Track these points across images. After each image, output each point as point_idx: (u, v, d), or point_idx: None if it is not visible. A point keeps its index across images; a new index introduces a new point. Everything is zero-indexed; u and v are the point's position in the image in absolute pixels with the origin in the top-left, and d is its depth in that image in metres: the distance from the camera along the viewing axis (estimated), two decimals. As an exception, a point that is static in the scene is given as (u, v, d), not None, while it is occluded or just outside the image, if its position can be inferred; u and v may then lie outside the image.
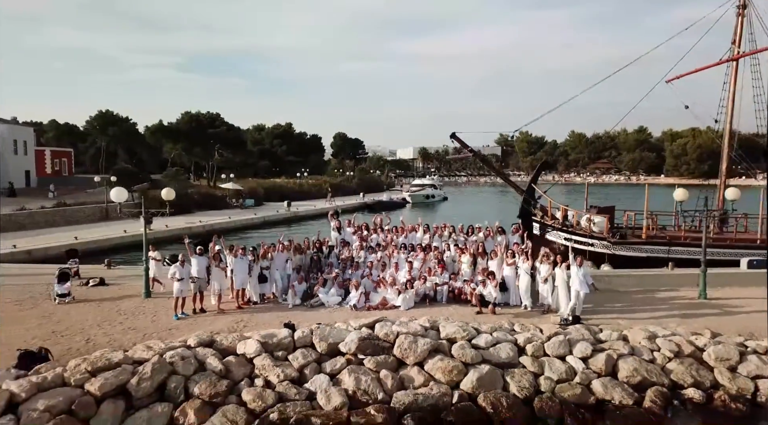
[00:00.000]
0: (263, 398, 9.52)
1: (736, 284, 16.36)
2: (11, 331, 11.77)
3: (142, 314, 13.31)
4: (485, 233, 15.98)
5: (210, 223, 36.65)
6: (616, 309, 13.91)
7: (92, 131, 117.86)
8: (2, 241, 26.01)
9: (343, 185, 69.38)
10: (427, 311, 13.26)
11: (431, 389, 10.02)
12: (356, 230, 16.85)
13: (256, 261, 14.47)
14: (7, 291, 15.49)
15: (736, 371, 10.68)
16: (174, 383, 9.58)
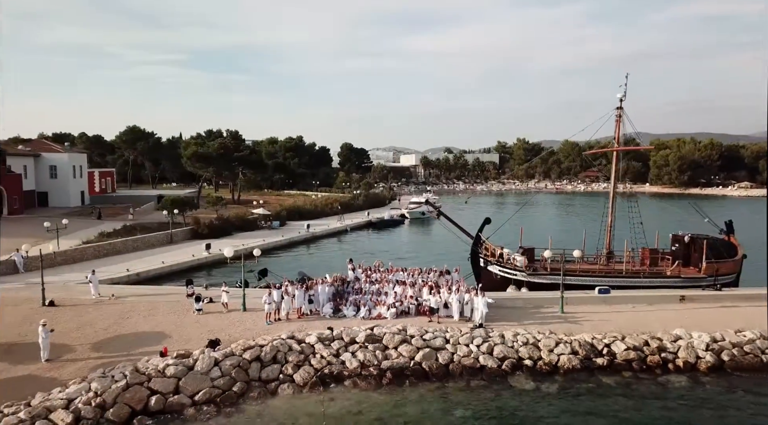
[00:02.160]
0: (320, 363, 20.45)
1: (589, 303, 27.25)
2: (187, 332, 22.74)
3: (248, 321, 24.25)
4: (439, 272, 26.93)
5: (251, 245, 47.46)
6: (506, 318, 24.74)
7: (121, 145, 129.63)
8: (113, 266, 37.03)
9: (351, 203, 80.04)
10: (402, 320, 24.16)
11: (400, 359, 20.94)
12: (364, 271, 27.82)
13: (307, 290, 25.41)
14: (161, 306, 26.50)
15: (552, 351, 21.56)
16: (280, 355, 20.52)
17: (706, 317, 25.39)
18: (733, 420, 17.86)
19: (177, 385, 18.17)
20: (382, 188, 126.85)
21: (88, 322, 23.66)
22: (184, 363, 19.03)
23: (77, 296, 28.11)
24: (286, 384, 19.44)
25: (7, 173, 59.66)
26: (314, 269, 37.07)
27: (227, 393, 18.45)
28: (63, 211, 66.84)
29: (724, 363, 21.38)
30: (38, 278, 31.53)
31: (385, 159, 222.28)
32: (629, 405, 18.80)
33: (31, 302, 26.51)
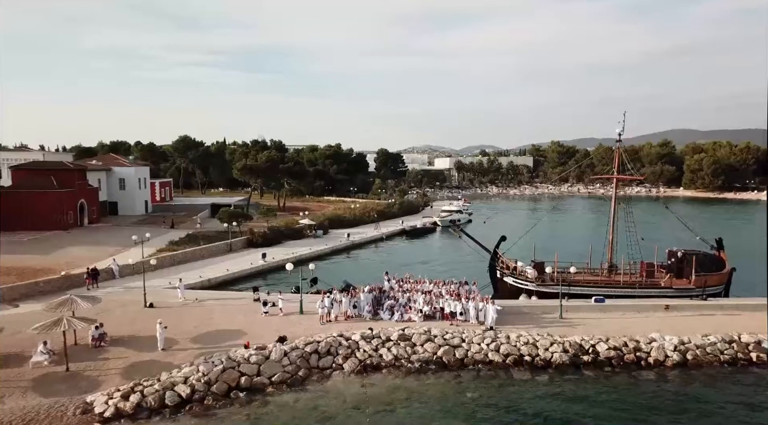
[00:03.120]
0: (363, 356, 26.50)
1: (586, 310, 32.49)
2: (259, 330, 29.15)
3: (305, 321, 30.50)
4: (460, 282, 32.67)
5: (301, 254, 54.12)
6: (513, 322, 30.25)
7: (174, 153, 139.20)
8: (186, 272, 43.98)
9: (386, 211, 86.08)
10: (428, 323, 29.99)
11: (425, 354, 26.80)
12: (397, 282, 33.80)
13: (351, 297, 31.53)
14: (234, 308, 33.06)
15: (548, 350, 27.03)
16: (332, 349, 26.69)
17: (682, 323, 30.34)
18: (685, 404, 23.01)
19: (258, 370, 24.51)
20: (416, 193, 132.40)
21: (182, 321, 30.33)
22: (262, 353, 25.39)
23: (167, 300, 34.98)
24: (338, 371, 25.59)
25: (87, 187, 68.13)
26: (355, 276, 43.04)
27: (295, 377, 24.70)
28: (131, 219, 75.33)
29: (687, 361, 26.45)
30: (132, 283, 38.88)
31: (420, 162, 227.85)
32: (604, 391, 24.17)
33: (134, 304, 33.47)
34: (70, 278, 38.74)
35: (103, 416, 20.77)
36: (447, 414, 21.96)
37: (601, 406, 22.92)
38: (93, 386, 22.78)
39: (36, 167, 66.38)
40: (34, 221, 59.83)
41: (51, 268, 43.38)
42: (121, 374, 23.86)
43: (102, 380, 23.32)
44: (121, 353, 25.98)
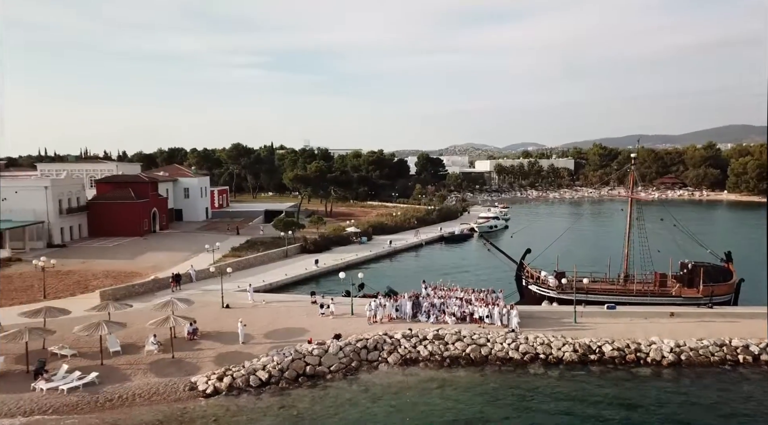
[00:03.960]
0: (404, 351, 32.16)
1: (598, 316, 37.16)
2: (318, 328, 35.22)
3: (355, 322, 36.37)
4: (487, 291, 37.93)
5: (348, 260, 60.23)
6: (533, 326, 35.26)
7: (227, 160, 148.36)
8: (250, 277, 50.60)
9: (426, 218, 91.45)
10: (459, 325, 35.37)
11: (456, 351, 32.26)
12: (433, 289, 39.34)
13: (394, 302, 37.26)
14: (295, 309, 39.31)
15: (560, 349, 32.02)
16: (378, 345, 32.48)
17: (683, 328, 34.67)
18: (673, 396, 27.65)
19: (320, 360, 30.53)
20: (454, 197, 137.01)
21: (256, 320, 36.67)
22: (322, 347, 31.42)
23: (239, 301, 41.54)
24: (383, 363, 31.35)
25: (158, 197, 76.38)
26: (397, 282, 48.69)
27: (348, 367, 30.61)
28: (195, 225, 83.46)
29: (681, 361, 30.95)
30: (207, 286, 45.72)
31: (460, 165, 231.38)
32: (605, 384, 29.06)
33: (213, 304, 40.15)
34: (158, 281, 45.89)
35: (205, 392, 27.19)
36: (472, 400, 27.36)
37: (600, 394, 27.84)
38: (194, 370, 29.30)
39: (116, 180, 75.01)
40: (115, 228, 68.24)
41: (138, 272, 50.95)
42: (213, 361, 30.32)
43: (199, 365, 29.83)
44: (210, 345, 32.52)
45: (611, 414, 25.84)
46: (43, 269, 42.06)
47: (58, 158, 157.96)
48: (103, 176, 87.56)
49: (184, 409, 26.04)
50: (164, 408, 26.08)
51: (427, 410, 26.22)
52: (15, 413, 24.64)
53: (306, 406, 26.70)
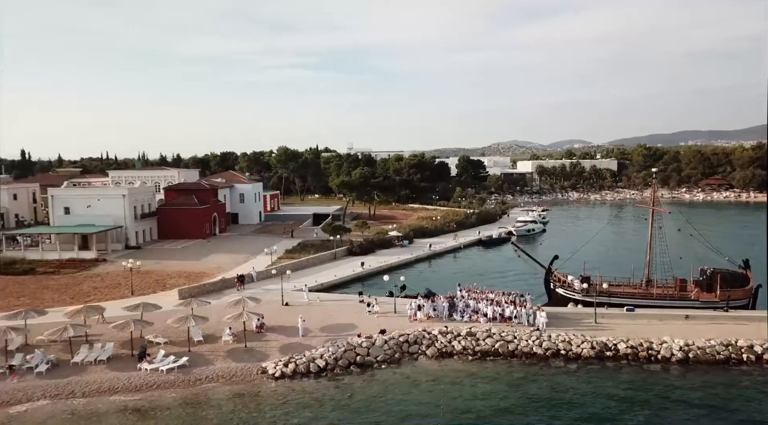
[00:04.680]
0: (440, 345, 37.05)
1: (618, 317, 41.01)
2: (366, 324, 40.50)
3: (398, 319, 41.42)
4: (516, 294, 42.40)
5: (390, 263, 65.43)
6: (558, 325, 39.47)
7: (276, 165, 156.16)
8: (304, 278, 56.38)
9: (464, 221, 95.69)
10: (490, 324, 39.97)
11: (486, 346, 36.94)
12: (467, 291, 44.06)
13: (432, 302, 42.19)
14: (345, 308, 44.73)
15: (579, 346, 36.23)
16: (418, 340, 37.50)
17: (695, 329, 38.21)
18: (677, 389, 31.52)
19: (368, 351, 35.79)
20: (494, 199, 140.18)
21: (312, 316, 42.24)
22: (370, 341, 36.69)
23: (296, 300, 47.26)
24: (422, 356, 36.34)
25: (218, 203, 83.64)
26: (435, 283, 53.43)
27: (392, 358, 35.75)
28: (250, 228, 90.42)
29: (689, 358, 34.67)
30: (266, 286, 51.63)
31: (502, 165, 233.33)
32: (616, 376, 33.15)
33: (275, 302, 45.99)
34: (225, 281, 52.24)
35: (274, 376, 32.86)
36: (498, 387, 32.04)
37: (611, 386, 32.00)
38: (263, 357, 35.05)
39: (181, 187, 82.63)
40: (181, 231, 75.65)
41: (206, 272, 57.59)
42: (279, 350, 36.01)
43: (268, 354, 35.57)
44: (275, 337, 38.27)
45: (619, 403, 30.01)
46: (131, 270, 48.99)
47: (123, 163, 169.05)
48: (167, 182, 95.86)
49: (257, 389, 31.75)
50: (241, 387, 31.88)
51: (458, 395, 31.07)
52: (128, 387, 30.93)
53: (357, 389, 31.98)
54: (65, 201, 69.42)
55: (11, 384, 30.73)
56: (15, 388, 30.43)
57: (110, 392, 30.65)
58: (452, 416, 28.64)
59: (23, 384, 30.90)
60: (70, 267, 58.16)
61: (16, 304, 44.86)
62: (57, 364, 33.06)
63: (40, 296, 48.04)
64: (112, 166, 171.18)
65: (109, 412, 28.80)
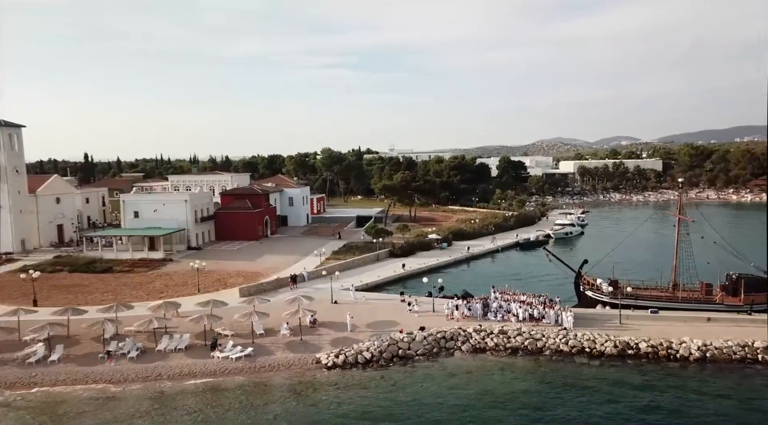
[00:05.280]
0: (474, 342, 41.02)
1: (642, 319, 43.92)
2: (407, 322, 44.84)
3: (436, 318, 45.56)
4: (546, 296, 45.86)
5: (430, 264, 69.53)
6: (584, 325, 42.74)
7: (321, 167, 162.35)
8: (349, 278, 61.06)
9: (503, 224, 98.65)
10: (521, 324, 43.62)
11: (516, 343, 40.66)
12: (500, 293, 47.78)
13: (468, 302, 46.13)
14: (388, 306, 49.18)
15: (603, 345, 39.51)
16: (454, 336, 41.55)
17: (714, 331, 40.81)
18: (694, 385, 34.50)
19: (409, 346, 40.10)
20: (535, 201, 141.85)
21: (358, 313, 46.83)
22: (411, 336, 41.00)
23: (343, 298, 51.99)
24: (458, 351, 40.38)
25: (269, 207, 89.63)
26: (472, 285, 57.14)
27: (431, 352, 39.94)
28: (298, 230, 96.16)
29: (706, 358, 37.48)
30: (316, 286, 56.58)
31: (544, 165, 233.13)
32: (637, 373, 36.37)
33: (324, 301, 50.80)
34: (279, 280, 57.57)
35: (327, 365, 37.59)
36: (526, 380, 35.80)
37: (631, 381, 35.27)
38: (317, 349, 39.86)
39: (236, 192, 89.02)
40: (236, 233, 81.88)
41: (261, 272, 63.15)
42: (330, 343, 40.75)
43: (320, 346, 40.36)
44: (326, 332, 43.07)
45: (637, 394, 33.31)
46: (197, 271, 54.89)
47: (179, 168, 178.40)
48: (221, 186, 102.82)
49: (313, 377, 36.54)
50: (299, 375, 36.73)
51: (489, 385, 35.02)
52: (204, 372, 36.29)
53: (399, 379, 36.33)
54: (135, 206, 76.61)
55: (110, 367, 36.56)
56: (113, 370, 36.25)
57: (189, 376, 36.06)
58: (482, 403, 32.64)
59: (119, 366, 36.70)
60: (142, 266, 64.81)
61: (102, 299, 51.44)
62: (144, 351, 38.79)
63: (120, 292, 54.50)
64: (169, 170, 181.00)
65: (190, 392, 34.14)
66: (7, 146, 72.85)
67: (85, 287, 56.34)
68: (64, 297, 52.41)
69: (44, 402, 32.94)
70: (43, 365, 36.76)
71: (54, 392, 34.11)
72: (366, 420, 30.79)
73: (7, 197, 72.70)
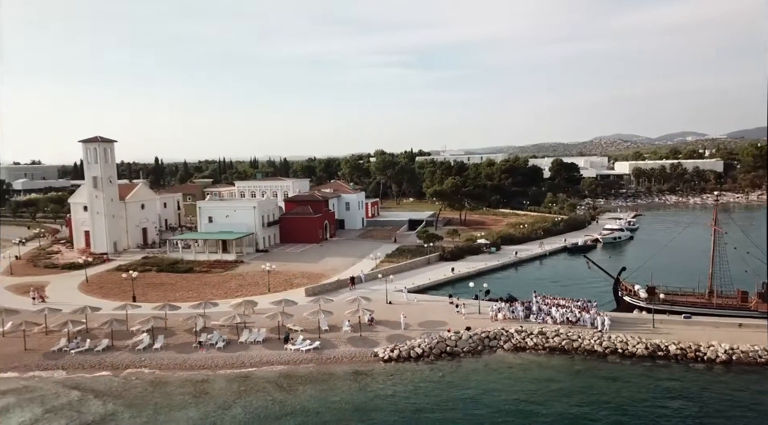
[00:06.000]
0: (515, 341, 45.57)
1: (675, 323, 47.10)
2: (455, 322, 49.83)
3: (482, 319, 50.31)
4: (583, 301, 49.75)
5: (478, 268, 74.01)
6: (619, 328, 46.41)
7: (376, 171, 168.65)
8: (402, 280, 66.47)
9: (551, 229, 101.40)
10: (559, 325, 47.76)
11: (554, 343, 44.93)
12: (541, 298, 51.99)
13: (511, 305, 50.66)
14: (438, 308, 54.28)
15: (634, 346, 43.22)
16: (497, 336, 46.25)
17: (744, 336, 43.63)
18: (718, 385, 37.88)
19: (456, 343, 45.12)
20: (586, 205, 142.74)
21: (410, 313, 52.16)
22: (458, 335, 46.01)
23: (397, 299, 57.47)
24: (500, 349, 45.07)
25: (328, 212, 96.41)
26: (516, 288, 61.29)
27: (475, 349, 44.81)
28: (354, 233, 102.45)
29: (732, 360, 40.61)
30: (374, 287, 62.33)
31: (599, 166, 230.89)
32: (666, 371, 40.01)
33: (380, 301, 56.43)
34: (340, 281, 63.73)
35: (383, 359, 43.15)
36: (560, 375, 40.16)
37: (658, 379, 38.99)
38: (374, 344, 45.52)
39: (298, 199, 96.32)
40: (299, 237, 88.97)
41: (323, 273, 69.56)
42: (386, 339, 46.31)
43: (377, 342, 46.00)
44: (382, 329, 48.69)
45: (663, 392, 37.09)
46: (268, 272, 61.82)
47: (244, 173, 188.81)
48: (282, 191, 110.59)
49: (371, 368, 42.19)
50: (359, 366, 42.47)
51: (528, 379, 39.64)
52: (279, 361, 42.65)
53: (447, 372, 41.46)
54: (209, 212, 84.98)
55: (201, 355, 43.55)
56: (204, 358, 43.21)
57: (268, 364, 42.51)
58: (520, 395, 37.34)
59: (209, 355, 43.63)
60: (217, 267, 72.61)
61: (188, 296, 59.16)
62: (229, 342, 45.63)
63: (202, 290, 62.15)
64: (234, 174, 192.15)
65: (268, 377, 40.51)
66: (103, 159, 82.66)
67: (171, 286, 64.43)
68: (155, 294, 60.50)
69: (154, 381, 40.18)
70: (149, 351, 44.23)
71: (160, 374, 41.33)
72: (416, 406, 36.13)
73: (102, 204, 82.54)
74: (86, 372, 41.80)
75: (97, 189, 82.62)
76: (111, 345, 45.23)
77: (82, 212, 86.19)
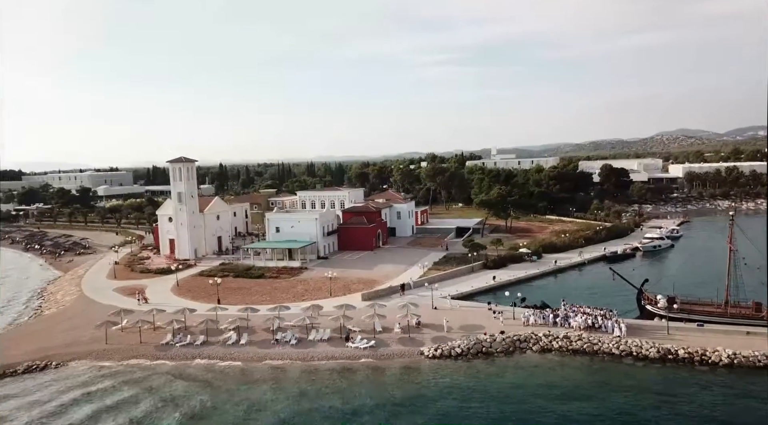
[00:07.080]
0: (543, 343, 52.71)
1: (689, 331, 52.92)
2: (491, 327, 57.41)
3: (515, 324, 57.48)
4: (606, 309, 56.28)
5: (518, 276, 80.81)
6: (636, 335, 52.68)
7: (425, 179, 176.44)
8: (446, 287, 74.22)
9: (593, 237, 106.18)
10: (582, 331, 54.51)
11: (576, 346, 51.80)
12: (569, 306, 58.77)
13: (542, 312, 57.74)
14: (477, 313, 61.90)
15: (647, 350, 49.55)
16: (528, 338, 53.49)
17: (748, 343, 49.08)
18: (718, 386, 43.94)
19: (491, 345, 52.76)
20: (633, 212, 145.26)
21: (452, 318, 59.94)
22: (493, 338, 53.63)
23: (441, 304, 65.28)
24: (529, 350, 52.37)
25: (381, 221, 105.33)
26: (550, 296, 67.81)
27: (508, 350, 52.31)
28: (405, 240, 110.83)
29: (733, 364, 46.41)
30: (421, 293, 70.47)
31: (653, 169, 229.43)
32: (673, 373, 46.32)
33: (426, 306, 64.50)
34: (392, 288, 72.34)
35: (428, 356, 51.38)
36: (581, 371, 47.21)
37: (665, 378, 45.39)
38: (421, 344, 53.76)
39: (355, 210, 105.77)
40: (355, 245, 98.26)
41: (377, 280, 78.32)
42: (431, 340, 54.44)
43: (424, 342, 54.22)
44: (428, 331, 56.87)
45: (668, 388, 43.56)
46: (330, 279, 71.25)
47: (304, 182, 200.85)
48: (339, 201, 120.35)
49: (418, 364, 50.53)
50: (408, 362, 50.88)
51: (551, 376, 46.95)
52: (342, 356, 51.67)
53: (482, 368, 49.26)
54: (276, 223, 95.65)
55: (279, 350, 53.19)
56: (280, 352, 52.81)
57: (332, 358, 51.58)
58: (542, 390, 44.72)
59: (284, 350, 53.21)
60: (285, 273, 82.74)
61: (262, 300, 69.33)
62: (299, 340, 55.08)
63: (273, 294, 72.26)
64: (294, 182, 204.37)
65: (333, 369, 49.55)
66: (186, 177, 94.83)
67: (248, 290, 74.92)
68: (235, 297, 71.02)
69: (243, 369, 50.09)
70: (236, 346, 54.31)
71: (246, 365, 51.20)
72: (455, 395, 44.19)
73: (185, 217, 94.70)
74: (189, 361, 52.24)
75: (181, 203, 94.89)
76: (206, 341, 55.61)
77: (167, 222, 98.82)
